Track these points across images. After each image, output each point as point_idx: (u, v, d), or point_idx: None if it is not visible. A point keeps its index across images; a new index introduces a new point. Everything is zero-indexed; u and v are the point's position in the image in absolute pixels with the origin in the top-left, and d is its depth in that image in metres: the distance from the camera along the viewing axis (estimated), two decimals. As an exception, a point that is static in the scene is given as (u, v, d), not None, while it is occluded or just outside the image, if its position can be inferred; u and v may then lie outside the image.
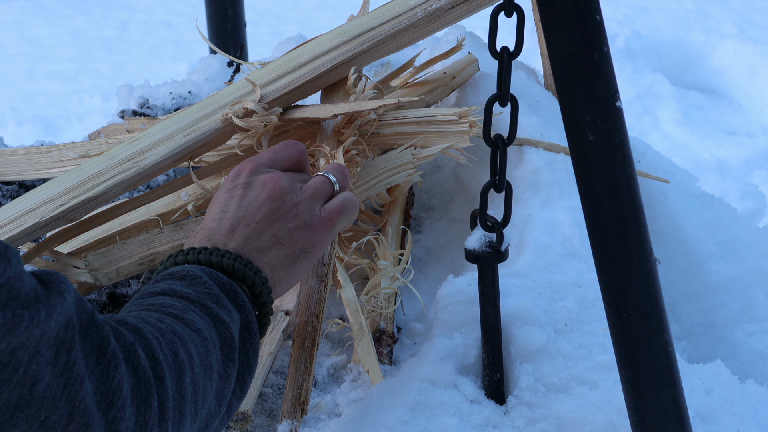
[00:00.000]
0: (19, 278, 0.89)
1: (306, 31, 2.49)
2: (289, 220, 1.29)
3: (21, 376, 0.89)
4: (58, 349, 0.92)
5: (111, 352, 0.97)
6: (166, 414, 1.02)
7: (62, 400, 0.92)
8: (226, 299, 1.18)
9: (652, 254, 1.34)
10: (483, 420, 1.58)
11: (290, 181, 1.32)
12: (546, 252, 1.74)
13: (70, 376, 0.92)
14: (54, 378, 0.91)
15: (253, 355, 1.20)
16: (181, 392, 1.06)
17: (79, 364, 0.93)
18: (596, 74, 1.24)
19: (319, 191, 1.34)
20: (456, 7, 1.71)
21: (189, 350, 1.09)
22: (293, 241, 1.29)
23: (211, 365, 1.12)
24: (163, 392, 1.02)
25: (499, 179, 1.47)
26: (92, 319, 0.97)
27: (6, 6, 6.03)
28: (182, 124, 1.67)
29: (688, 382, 1.53)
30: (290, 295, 1.72)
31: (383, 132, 1.76)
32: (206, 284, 1.17)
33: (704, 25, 5.67)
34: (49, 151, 1.88)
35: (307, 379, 1.53)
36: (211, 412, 1.13)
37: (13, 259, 0.89)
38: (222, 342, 1.14)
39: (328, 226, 1.32)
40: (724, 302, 2.00)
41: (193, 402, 1.08)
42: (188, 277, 1.18)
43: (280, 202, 1.29)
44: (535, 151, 1.85)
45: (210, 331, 1.14)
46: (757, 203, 3.76)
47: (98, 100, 4.99)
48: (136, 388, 0.99)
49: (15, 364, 0.88)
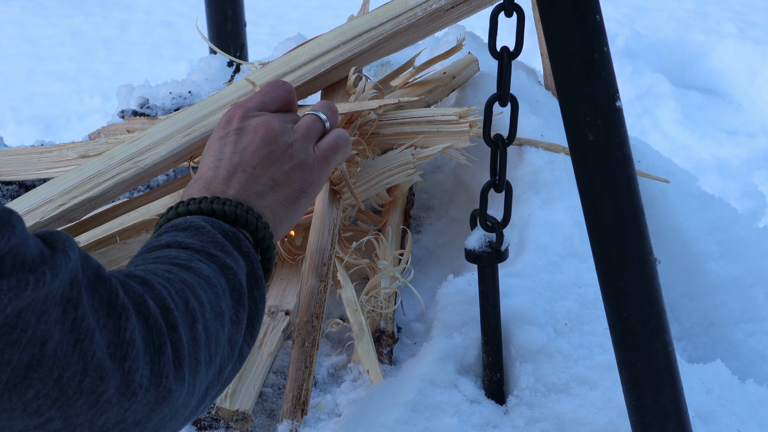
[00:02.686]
0: (24, 244, 0.90)
1: (306, 31, 2.48)
2: (284, 161, 1.31)
3: (30, 336, 0.90)
4: (65, 307, 0.92)
5: (121, 305, 0.98)
6: (182, 361, 1.03)
7: (74, 356, 0.93)
8: (230, 246, 1.18)
9: (652, 254, 1.34)
10: (483, 420, 1.58)
11: (281, 123, 1.33)
12: (546, 252, 1.74)
13: (80, 332, 0.93)
14: (64, 335, 0.92)
15: (261, 300, 1.21)
16: (195, 339, 1.06)
17: (88, 320, 0.94)
18: (596, 74, 1.24)
19: (311, 130, 1.36)
20: (456, 7, 1.71)
21: (199, 297, 1.10)
22: (290, 182, 1.31)
23: (222, 311, 1.12)
24: (177, 340, 1.03)
25: (499, 179, 1.47)
26: (99, 274, 0.97)
27: (6, 6, 6.03)
28: (182, 124, 1.67)
29: (688, 382, 1.53)
30: (290, 295, 1.72)
31: (383, 132, 1.76)
32: (210, 233, 1.18)
33: (704, 25, 5.67)
34: (49, 151, 1.88)
35: (308, 379, 1.53)
36: (225, 357, 1.13)
37: (18, 225, 0.89)
38: (231, 288, 1.15)
39: (323, 164, 1.34)
40: (724, 302, 1.99)
41: (207, 348, 1.09)
42: (191, 227, 1.19)
43: (273, 144, 1.31)
44: (535, 151, 1.85)
45: (218, 277, 1.14)
46: (757, 203, 3.76)
47: (98, 100, 4.99)
48: (148, 337, 1.00)
49: (23, 326, 0.89)
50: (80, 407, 0.94)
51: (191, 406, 1.08)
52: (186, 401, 1.05)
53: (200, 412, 1.12)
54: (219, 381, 1.13)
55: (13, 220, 0.89)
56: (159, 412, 1.01)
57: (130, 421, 0.99)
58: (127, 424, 0.98)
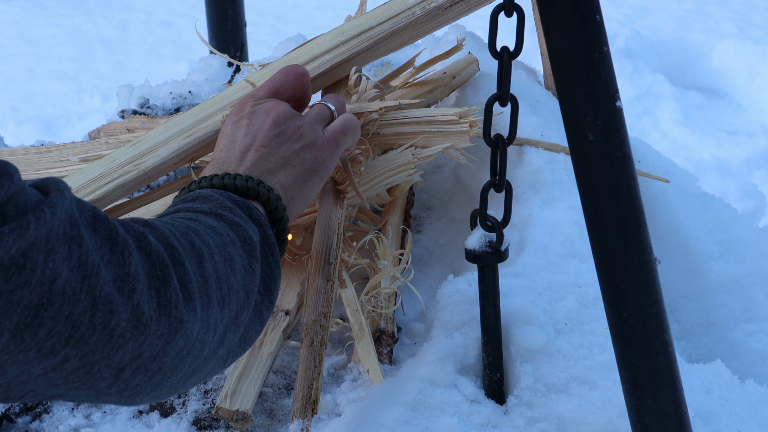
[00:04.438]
0: (23, 192, 0.90)
1: (306, 31, 2.49)
2: (294, 141, 1.37)
3: (39, 276, 0.90)
4: (70, 245, 0.93)
5: (122, 241, 0.99)
6: (192, 294, 1.04)
7: (83, 293, 0.93)
8: (239, 211, 1.21)
9: (652, 254, 1.34)
10: (483, 420, 1.58)
11: (291, 109, 1.40)
12: (546, 252, 1.74)
13: (86, 268, 0.94)
14: (71, 272, 0.92)
15: (276, 266, 1.22)
16: (204, 276, 1.07)
17: (93, 256, 0.94)
18: (596, 74, 1.24)
19: (319, 116, 1.43)
20: (454, 5, 1.71)
21: (206, 241, 1.11)
22: (301, 161, 1.36)
23: (231, 256, 1.14)
24: (183, 274, 1.04)
25: (499, 179, 1.47)
26: (95, 214, 0.98)
27: (6, 6, 6.03)
28: (183, 126, 1.67)
29: (688, 382, 1.53)
30: (290, 294, 1.72)
31: (383, 132, 1.76)
32: (218, 200, 1.21)
33: (704, 25, 5.67)
34: (49, 151, 1.88)
35: (317, 378, 1.53)
36: (240, 302, 1.14)
37: (15, 174, 0.90)
38: (241, 240, 1.17)
39: (333, 144, 1.41)
40: (724, 302, 2.00)
41: (218, 288, 1.09)
42: (200, 197, 1.22)
43: (284, 125, 1.37)
44: (535, 151, 1.85)
45: (226, 230, 1.16)
46: (757, 203, 3.76)
47: (98, 100, 4.99)
48: (152, 272, 1.01)
49: (32, 266, 0.89)
50: (95, 343, 0.94)
51: (209, 344, 1.08)
52: (202, 336, 1.05)
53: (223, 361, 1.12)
54: (237, 327, 1.13)
55: (9, 169, 0.89)
56: (174, 344, 1.01)
57: (147, 356, 0.99)
58: (144, 359, 0.99)
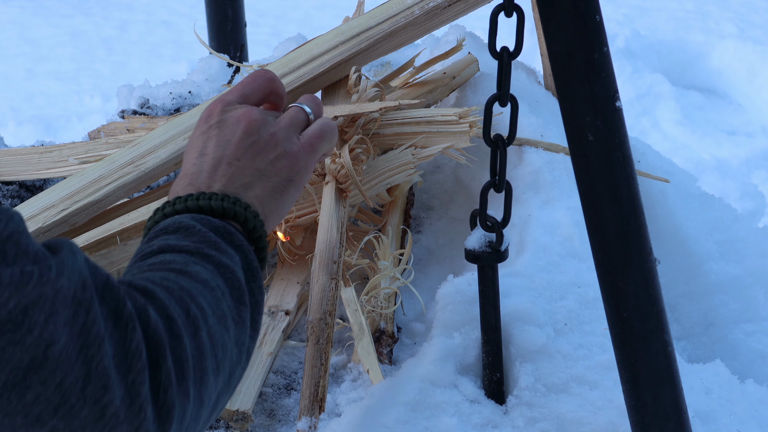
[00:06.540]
0: (25, 234, 0.87)
1: (306, 31, 2.48)
2: (269, 151, 1.28)
3: (36, 337, 0.86)
4: (77, 310, 0.89)
5: (127, 315, 0.95)
6: (185, 373, 1.00)
7: (78, 362, 0.89)
8: (223, 243, 1.17)
9: (652, 254, 1.34)
10: (483, 420, 1.58)
11: (263, 114, 1.31)
12: (546, 252, 1.74)
13: (88, 337, 0.90)
14: (71, 339, 0.89)
15: (259, 292, 1.19)
16: (199, 348, 1.04)
17: (99, 326, 0.91)
18: (596, 74, 1.24)
19: (294, 120, 1.34)
20: (453, 5, 1.72)
21: (200, 304, 1.07)
22: (277, 172, 1.28)
23: (224, 314, 1.10)
24: (180, 351, 1.00)
25: (499, 179, 1.47)
26: (108, 282, 0.95)
27: (6, 6, 6.03)
28: (182, 127, 1.67)
29: (688, 382, 1.53)
30: (290, 294, 1.72)
31: (383, 132, 1.76)
32: (201, 232, 1.16)
33: (704, 25, 5.67)
34: (49, 151, 1.88)
35: (324, 376, 1.53)
36: (234, 361, 1.11)
37: (15, 216, 0.87)
38: (230, 288, 1.13)
39: (309, 151, 1.32)
40: (723, 302, 1.99)
41: (213, 356, 1.06)
42: (181, 229, 1.17)
43: (256, 135, 1.28)
44: (535, 151, 1.85)
45: (216, 279, 1.12)
46: (757, 203, 3.76)
47: (98, 100, 4.99)
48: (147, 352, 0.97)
49: (29, 325, 0.86)
50: (85, 418, 0.90)
51: (203, 418, 1.05)
52: (195, 415, 1.03)
53: (213, 420, 1.10)
54: (230, 387, 1.12)
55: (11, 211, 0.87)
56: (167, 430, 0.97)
57: None
58: None
